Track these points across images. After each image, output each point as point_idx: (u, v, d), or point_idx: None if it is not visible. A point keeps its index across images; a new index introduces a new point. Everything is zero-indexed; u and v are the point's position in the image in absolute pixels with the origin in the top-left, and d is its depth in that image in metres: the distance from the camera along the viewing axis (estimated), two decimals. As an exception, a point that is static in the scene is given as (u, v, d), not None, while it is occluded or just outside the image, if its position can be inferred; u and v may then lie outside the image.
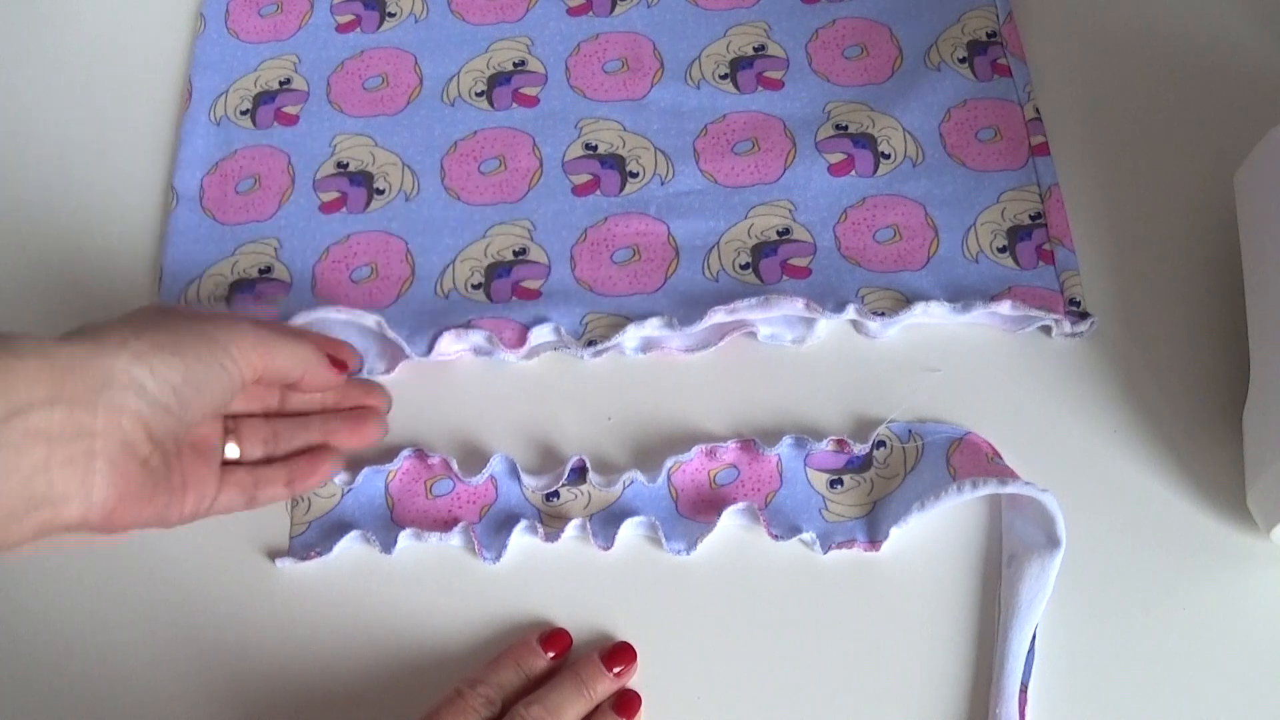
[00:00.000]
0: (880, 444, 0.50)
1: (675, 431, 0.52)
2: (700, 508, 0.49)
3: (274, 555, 0.49)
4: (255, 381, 0.44)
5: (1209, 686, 0.45)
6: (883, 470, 0.50)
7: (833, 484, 0.50)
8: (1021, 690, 0.44)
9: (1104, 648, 0.46)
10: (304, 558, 0.49)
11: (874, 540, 0.48)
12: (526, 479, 0.50)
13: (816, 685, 0.46)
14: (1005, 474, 0.47)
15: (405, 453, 0.51)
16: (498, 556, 0.49)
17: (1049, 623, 0.46)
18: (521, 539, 0.49)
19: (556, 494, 0.50)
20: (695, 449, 0.50)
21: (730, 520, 0.48)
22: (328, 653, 0.48)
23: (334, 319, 0.52)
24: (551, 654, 0.46)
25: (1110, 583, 0.47)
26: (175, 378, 0.40)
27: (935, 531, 0.49)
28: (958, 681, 0.46)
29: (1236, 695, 0.45)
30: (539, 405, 0.53)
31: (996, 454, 0.49)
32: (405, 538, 0.49)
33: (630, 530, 0.49)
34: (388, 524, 0.50)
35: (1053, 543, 0.46)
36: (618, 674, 0.45)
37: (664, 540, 0.48)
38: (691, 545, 0.48)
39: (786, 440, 0.50)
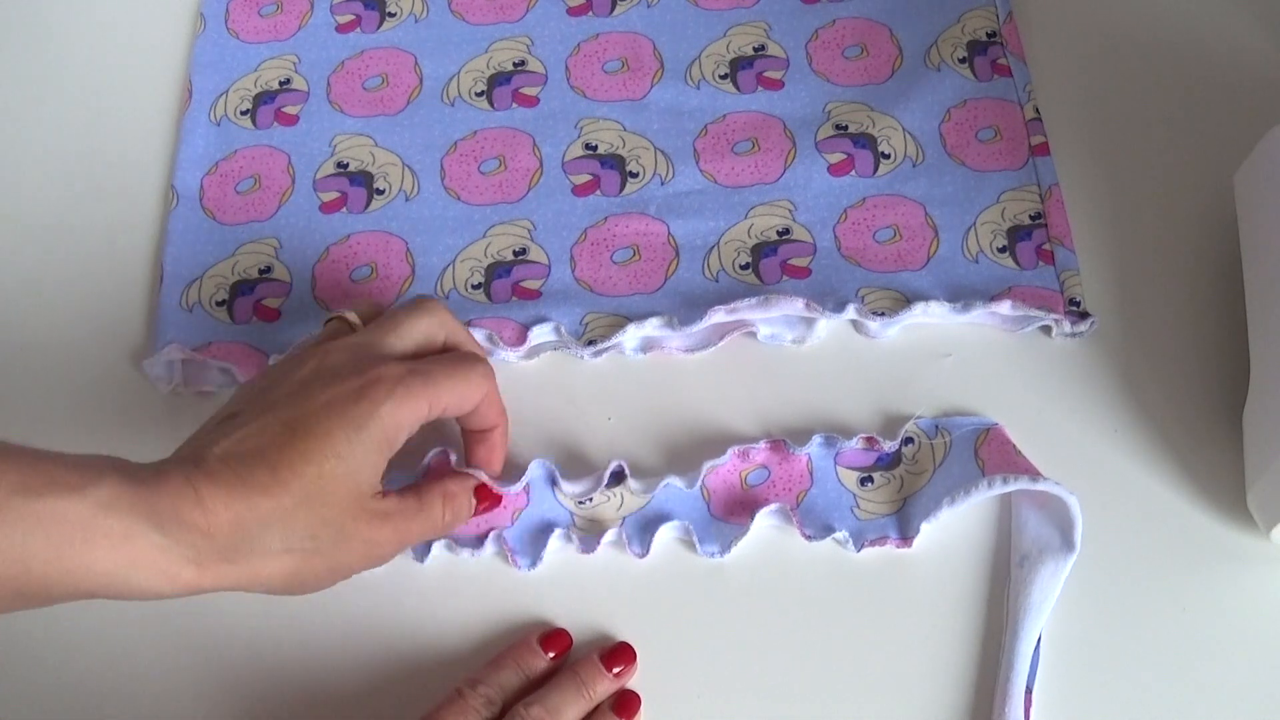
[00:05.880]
0: (908, 440, 0.50)
1: (676, 431, 0.52)
2: (733, 509, 0.49)
3: None
4: None
5: (1209, 686, 0.45)
6: (912, 467, 0.50)
7: (863, 481, 0.50)
8: (1027, 692, 0.44)
9: (1104, 647, 0.46)
10: None
11: (905, 537, 0.48)
12: (565, 485, 0.49)
13: (834, 680, 0.46)
14: (1033, 470, 0.47)
15: (433, 452, 0.49)
16: (533, 564, 0.48)
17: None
18: (554, 542, 0.48)
19: (590, 497, 0.49)
20: (729, 451, 0.49)
21: (763, 521, 0.48)
22: (333, 652, 0.48)
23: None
24: (551, 654, 0.46)
25: (1110, 583, 0.47)
26: (295, 595, 0.42)
27: (950, 528, 0.48)
28: (964, 679, 0.46)
29: (1237, 695, 0.45)
30: (539, 405, 0.53)
31: (1017, 447, 0.49)
32: (439, 548, 0.48)
33: (665, 535, 0.48)
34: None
35: (1068, 546, 0.46)
36: (617, 674, 0.45)
37: (698, 543, 0.48)
38: (726, 548, 0.48)
39: (816, 439, 0.50)
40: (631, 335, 0.52)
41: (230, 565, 0.38)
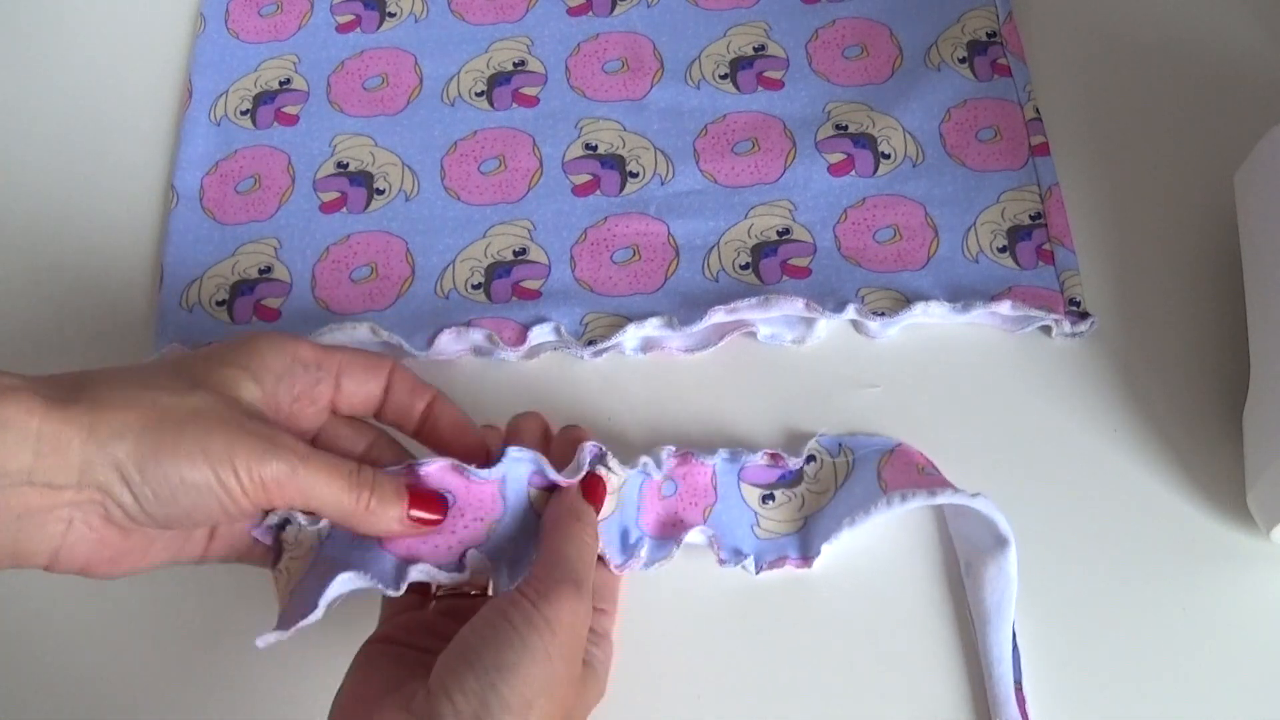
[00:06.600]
0: (810, 458, 0.49)
1: (676, 431, 0.51)
2: (656, 524, 0.47)
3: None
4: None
5: (1209, 686, 0.45)
6: (813, 485, 0.49)
7: (765, 499, 0.49)
8: (1017, 689, 0.44)
9: (1104, 648, 0.46)
10: (288, 626, 0.38)
11: (806, 556, 0.47)
12: (552, 473, 0.42)
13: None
14: (936, 484, 0.46)
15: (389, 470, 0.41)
16: (511, 581, 0.40)
17: (1048, 623, 0.46)
18: None
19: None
20: (664, 450, 0.47)
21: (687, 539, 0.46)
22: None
23: (328, 340, 0.52)
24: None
25: (1110, 582, 0.47)
26: (164, 493, 0.35)
27: (898, 543, 0.48)
28: (958, 692, 0.46)
29: (1236, 695, 0.45)
30: (539, 405, 0.52)
31: (930, 464, 0.49)
32: (416, 573, 0.40)
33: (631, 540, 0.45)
34: (378, 555, 0.40)
35: (1000, 543, 0.46)
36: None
37: (646, 554, 0.44)
38: (648, 564, 0.45)
39: (722, 453, 0.49)
40: (631, 335, 0.52)
41: (74, 403, 0.34)
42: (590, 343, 0.52)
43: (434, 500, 0.40)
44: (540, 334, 0.52)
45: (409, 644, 0.39)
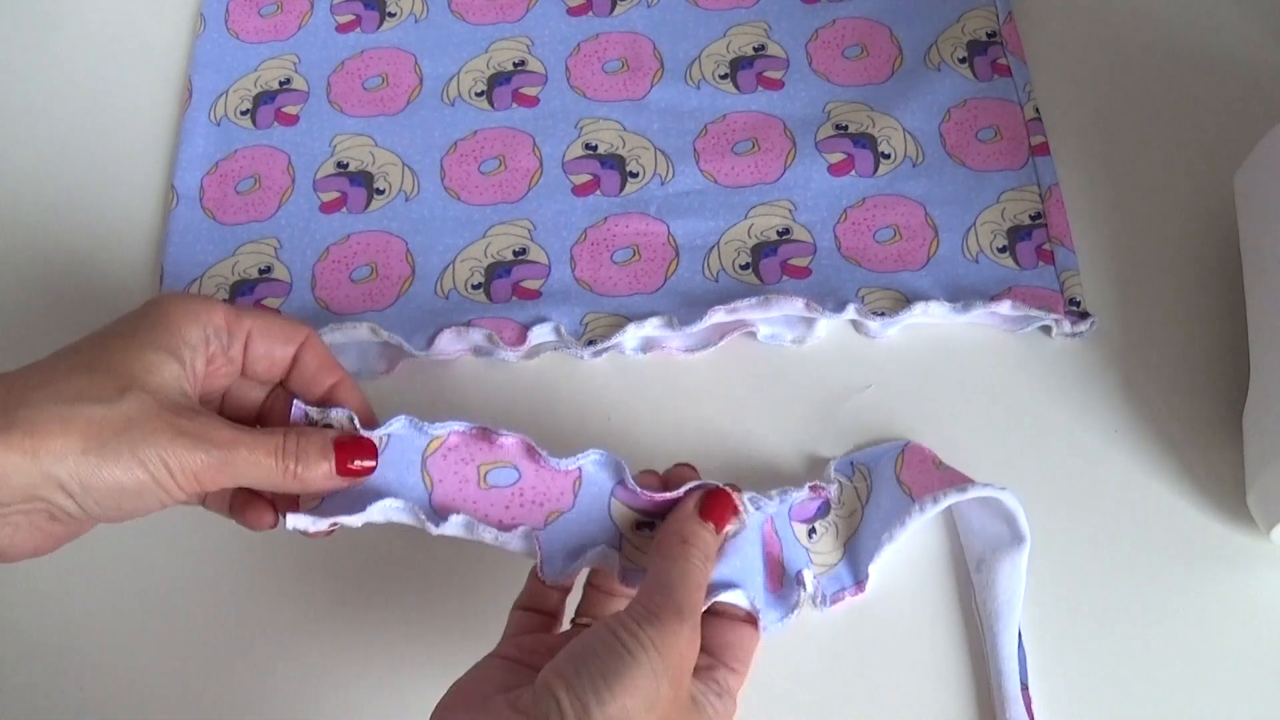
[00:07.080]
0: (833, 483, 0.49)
1: (675, 431, 0.52)
2: (771, 581, 0.44)
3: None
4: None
5: (1209, 686, 0.45)
6: (840, 511, 0.48)
7: (810, 534, 0.48)
8: (1023, 690, 0.44)
9: (1105, 648, 0.46)
10: (325, 515, 0.40)
11: (858, 582, 0.47)
12: (630, 482, 0.42)
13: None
14: (959, 480, 0.46)
15: (457, 425, 0.41)
16: (558, 576, 0.41)
17: (1049, 623, 0.46)
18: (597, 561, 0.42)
19: (651, 525, 0.42)
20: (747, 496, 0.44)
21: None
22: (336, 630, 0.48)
23: (328, 340, 0.51)
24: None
25: (1110, 583, 0.47)
26: (106, 500, 0.37)
27: (901, 542, 0.47)
28: (964, 696, 0.46)
29: (1237, 695, 0.45)
30: (539, 405, 0.53)
31: (937, 459, 0.49)
32: (456, 523, 0.40)
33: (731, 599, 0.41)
34: (426, 508, 0.41)
35: (1018, 538, 0.46)
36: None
37: (762, 613, 0.42)
38: (783, 619, 0.43)
39: (776, 496, 0.46)
40: (631, 335, 0.52)
41: (9, 429, 0.35)
42: (590, 343, 0.52)
43: (364, 447, 0.41)
44: (540, 334, 0.52)
45: (528, 664, 0.39)
